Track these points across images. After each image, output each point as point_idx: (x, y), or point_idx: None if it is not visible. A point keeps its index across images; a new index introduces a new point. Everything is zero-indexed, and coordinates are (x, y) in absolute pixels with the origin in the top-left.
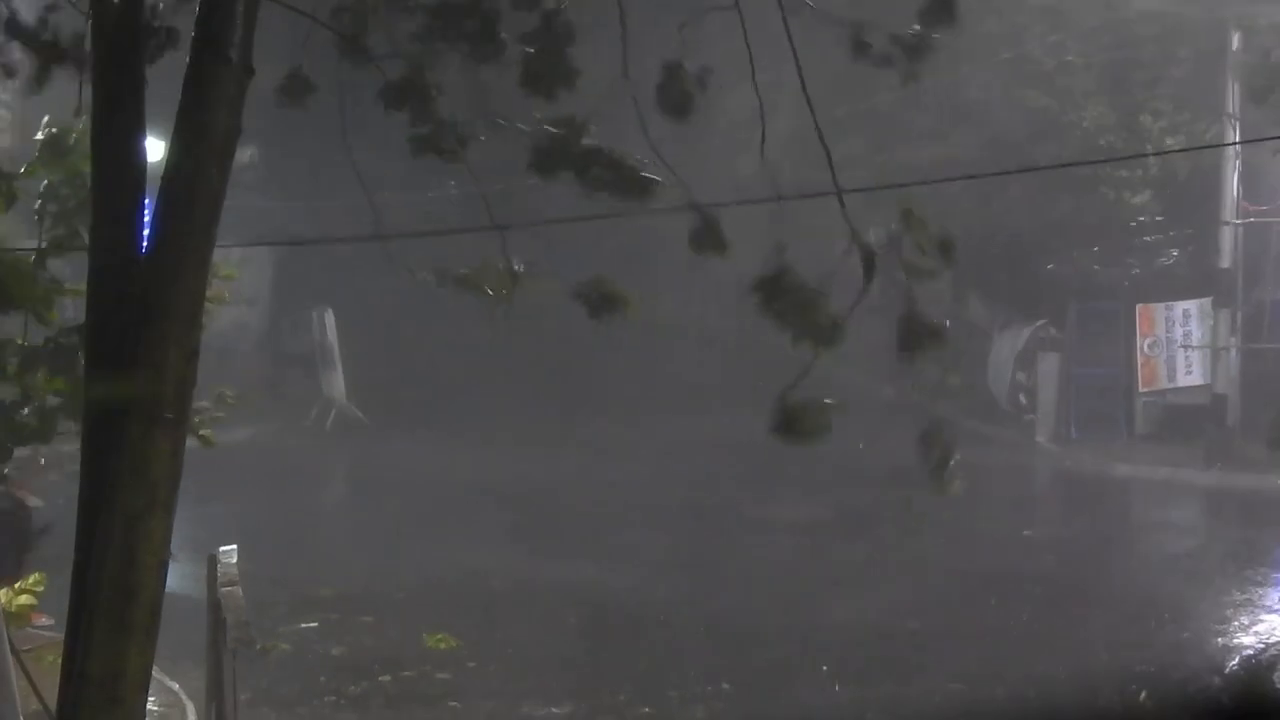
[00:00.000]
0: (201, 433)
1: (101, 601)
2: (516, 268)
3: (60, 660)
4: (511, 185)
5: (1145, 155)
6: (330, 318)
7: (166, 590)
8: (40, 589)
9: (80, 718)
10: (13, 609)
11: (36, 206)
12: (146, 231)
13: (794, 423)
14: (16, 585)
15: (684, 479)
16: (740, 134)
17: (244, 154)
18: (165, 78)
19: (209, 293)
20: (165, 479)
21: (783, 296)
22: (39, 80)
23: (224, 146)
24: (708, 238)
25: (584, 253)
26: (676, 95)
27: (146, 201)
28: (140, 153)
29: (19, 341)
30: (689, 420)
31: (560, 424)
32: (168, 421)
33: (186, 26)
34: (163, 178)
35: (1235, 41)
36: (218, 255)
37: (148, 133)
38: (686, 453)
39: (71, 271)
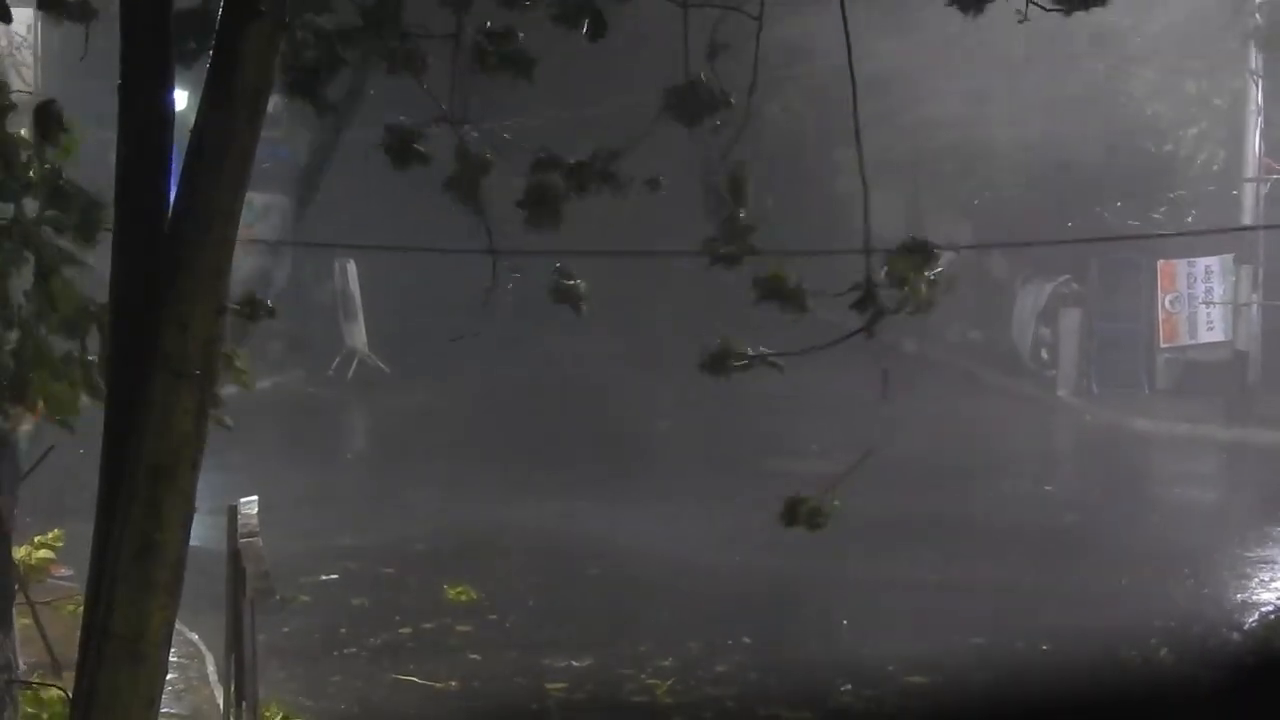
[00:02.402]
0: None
1: (125, 558)
2: None
3: (78, 610)
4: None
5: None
6: (353, 268)
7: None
8: (60, 544)
9: (102, 674)
10: (32, 562)
11: None
12: (174, 186)
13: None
14: (36, 539)
15: (702, 432)
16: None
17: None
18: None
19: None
20: (191, 436)
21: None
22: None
23: (254, 102)
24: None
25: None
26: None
27: (174, 155)
28: (168, 106)
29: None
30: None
31: (582, 374)
32: (194, 378)
33: None
34: (192, 133)
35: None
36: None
37: (178, 87)
38: (707, 406)
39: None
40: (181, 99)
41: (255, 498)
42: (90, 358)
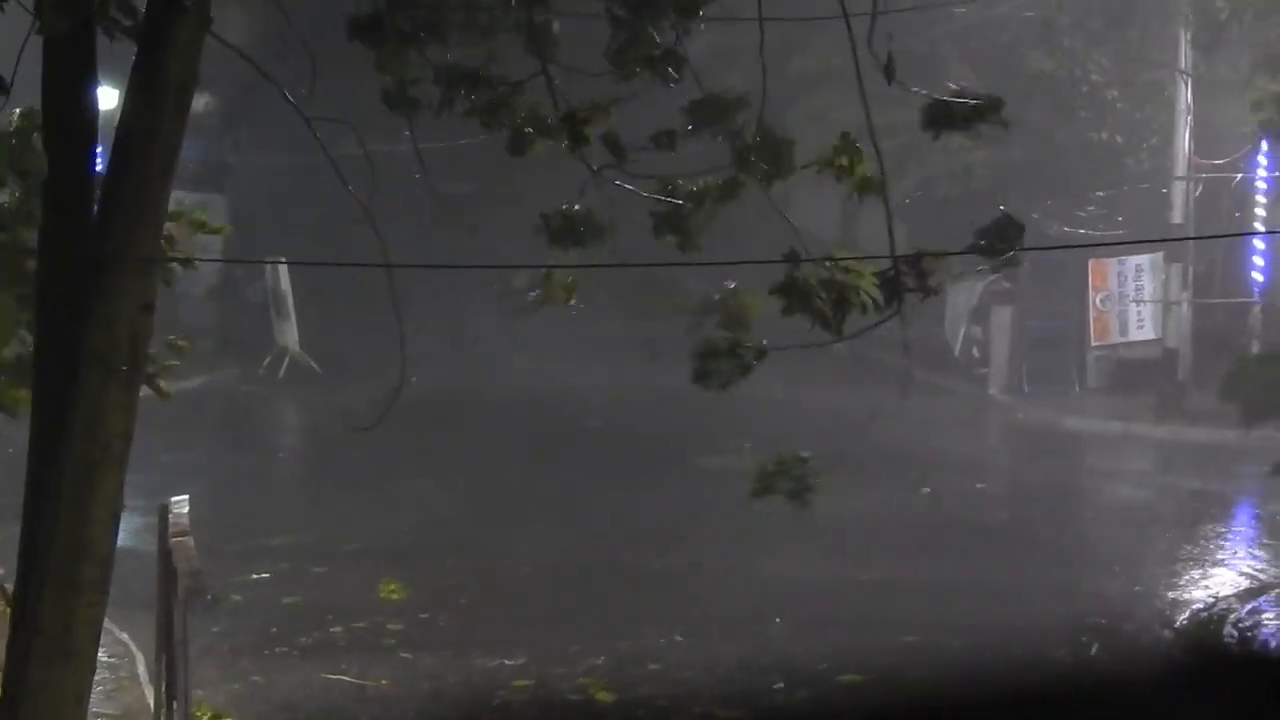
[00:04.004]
0: (159, 382)
1: (53, 555)
2: None
3: (6, 609)
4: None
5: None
6: (284, 266)
7: (117, 540)
8: None
9: (30, 670)
10: None
11: None
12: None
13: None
14: None
15: (635, 429)
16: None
17: (199, 102)
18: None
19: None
20: (118, 432)
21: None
22: None
23: (180, 97)
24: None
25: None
26: None
27: (100, 150)
28: (92, 102)
29: None
30: (643, 369)
31: (514, 371)
32: (121, 374)
33: None
34: (118, 128)
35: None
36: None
37: (104, 83)
38: (638, 402)
39: None
40: (112, 97)
41: (186, 497)
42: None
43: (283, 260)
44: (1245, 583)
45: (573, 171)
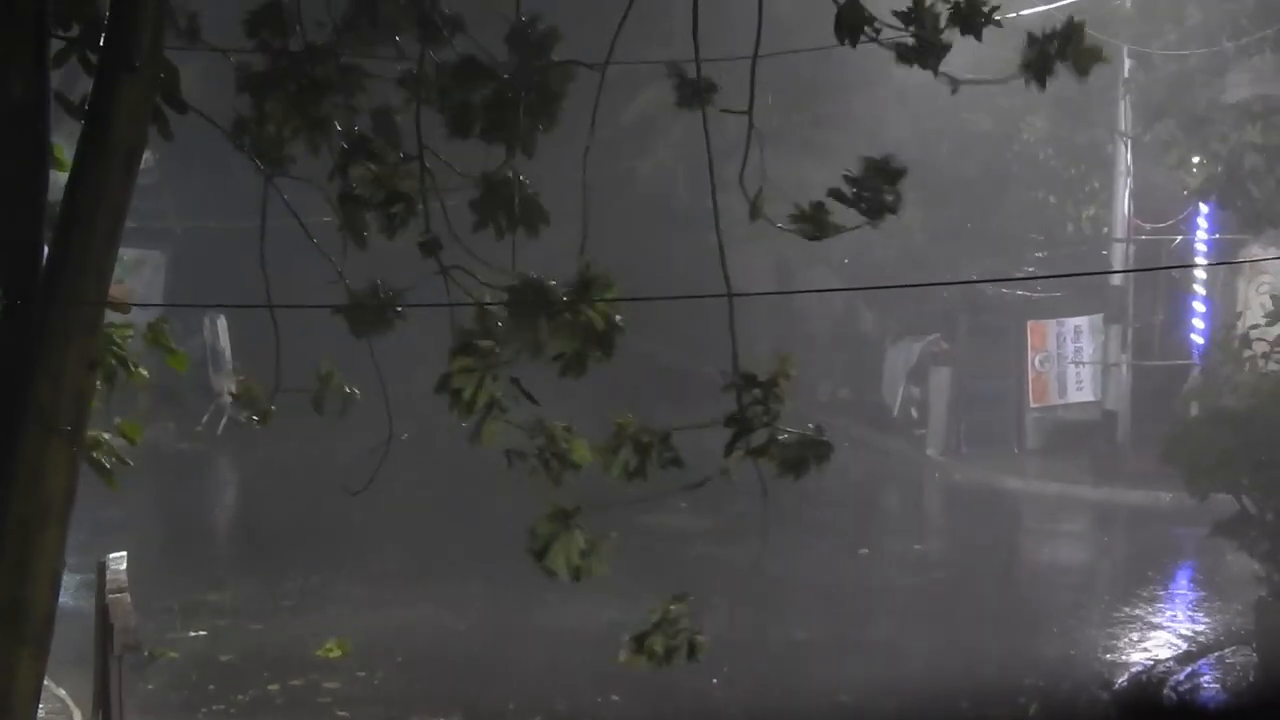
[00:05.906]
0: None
1: None
2: None
3: None
4: None
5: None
6: (223, 321)
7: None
8: None
9: None
10: None
11: None
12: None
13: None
14: None
15: (570, 483)
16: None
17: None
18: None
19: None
20: (60, 490)
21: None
22: None
23: (128, 159)
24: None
25: None
26: None
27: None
28: (44, 158)
29: None
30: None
31: (449, 425)
32: (64, 432)
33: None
34: (66, 186)
35: (1126, 65)
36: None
37: (54, 140)
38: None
39: None
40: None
41: (124, 553)
42: None
43: (229, 304)
44: (1184, 645)
45: None
